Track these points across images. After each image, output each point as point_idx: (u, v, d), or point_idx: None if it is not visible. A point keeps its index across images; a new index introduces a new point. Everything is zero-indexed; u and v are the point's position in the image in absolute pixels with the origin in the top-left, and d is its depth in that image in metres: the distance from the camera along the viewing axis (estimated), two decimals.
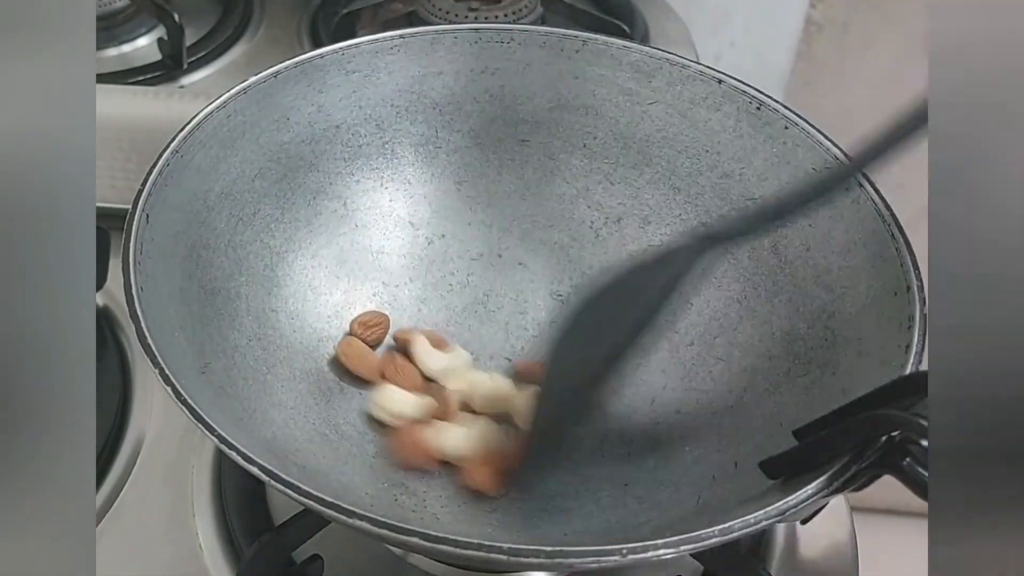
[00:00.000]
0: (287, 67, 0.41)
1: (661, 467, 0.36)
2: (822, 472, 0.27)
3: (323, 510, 0.26)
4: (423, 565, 0.37)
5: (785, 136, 0.39)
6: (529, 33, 0.44)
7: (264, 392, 0.36)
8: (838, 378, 0.33)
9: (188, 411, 0.28)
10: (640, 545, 0.25)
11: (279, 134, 0.41)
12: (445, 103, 0.44)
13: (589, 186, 0.44)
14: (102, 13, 0.67)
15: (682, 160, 0.42)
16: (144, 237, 0.33)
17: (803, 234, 0.38)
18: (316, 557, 0.36)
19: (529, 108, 0.44)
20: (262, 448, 0.31)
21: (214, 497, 0.39)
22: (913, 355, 0.30)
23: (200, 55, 0.65)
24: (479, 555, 0.25)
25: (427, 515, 0.35)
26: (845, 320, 0.35)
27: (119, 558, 0.38)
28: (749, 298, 0.39)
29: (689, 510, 0.33)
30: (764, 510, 0.26)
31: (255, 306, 0.38)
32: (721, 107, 0.41)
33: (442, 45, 0.43)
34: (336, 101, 0.42)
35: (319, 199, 0.42)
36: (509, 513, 0.35)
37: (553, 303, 0.43)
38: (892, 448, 0.26)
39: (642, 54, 0.42)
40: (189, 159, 0.37)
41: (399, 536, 0.25)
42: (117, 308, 0.47)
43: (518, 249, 0.44)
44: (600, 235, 0.44)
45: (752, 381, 0.37)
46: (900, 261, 0.33)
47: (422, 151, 0.44)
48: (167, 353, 0.30)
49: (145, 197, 0.34)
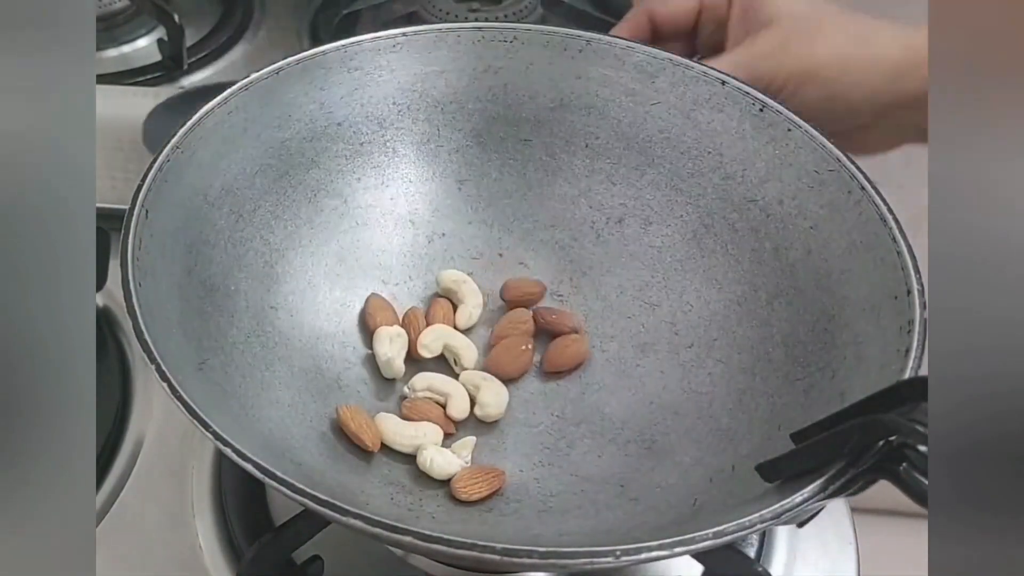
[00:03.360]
0: (289, 64, 0.41)
1: (658, 469, 0.36)
2: (819, 476, 0.27)
3: (318, 508, 0.26)
4: (423, 566, 0.37)
5: (787, 138, 0.39)
6: (532, 32, 0.44)
7: (262, 389, 0.36)
8: (837, 382, 0.33)
9: (184, 408, 0.28)
10: (634, 547, 0.25)
11: (280, 131, 0.41)
12: (447, 102, 0.44)
13: (591, 186, 0.44)
14: (102, 13, 0.67)
15: (684, 161, 0.42)
16: (143, 233, 0.33)
17: (804, 237, 0.38)
18: (316, 558, 0.36)
19: (531, 107, 0.44)
20: (259, 446, 0.31)
21: (214, 497, 0.39)
22: (912, 359, 0.30)
23: (200, 56, 0.65)
24: (473, 555, 0.25)
25: (423, 514, 0.35)
26: (845, 323, 0.35)
27: (119, 558, 0.38)
28: (749, 300, 0.39)
29: (685, 512, 0.32)
30: (759, 513, 0.26)
31: (254, 303, 0.38)
32: (724, 108, 0.41)
33: (445, 44, 0.44)
34: (338, 99, 0.42)
35: (320, 196, 0.42)
36: (505, 513, 0.35)
37: (553, 303, 0.43)
38: (890, 453, 0.26)
39: (645, 55, 0.42)
40: (190, 155, 0.37)
41: (394, 535, 0.25)
42: (117, 308, 0.47)
43: (519, 249, 0.44)
44: (601, 235, 0.44)
45: (751, 383, 0.37)
46: (901, 265, 0.33)
47: (424, 149, 0.44)
48: (164, 349, 0.30)
49: (145, 193, 0.34)
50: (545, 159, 0.44)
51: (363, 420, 0.36)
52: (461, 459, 0.36)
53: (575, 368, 0.41)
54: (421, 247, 0.44)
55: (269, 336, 0.38)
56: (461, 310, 0.42)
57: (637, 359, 0.40)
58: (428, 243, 0.44)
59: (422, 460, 0.36)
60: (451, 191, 0.45)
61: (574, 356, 0.41)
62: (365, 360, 0.40)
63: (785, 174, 0.39)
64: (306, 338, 0.39)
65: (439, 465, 0.36)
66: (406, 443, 0.37)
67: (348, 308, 0.42)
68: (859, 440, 0.27)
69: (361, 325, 0.41)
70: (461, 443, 0.37)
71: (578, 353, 0.41)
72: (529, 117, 0.44)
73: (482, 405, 0.39)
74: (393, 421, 0.37)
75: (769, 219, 0.39)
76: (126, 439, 0.42)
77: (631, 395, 0.39)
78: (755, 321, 0.38)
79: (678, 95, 0.42)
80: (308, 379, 0.38)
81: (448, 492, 0.36)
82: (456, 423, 0.39)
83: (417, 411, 0.38)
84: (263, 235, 0.40)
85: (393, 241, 0.44)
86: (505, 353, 0.40)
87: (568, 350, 0.41)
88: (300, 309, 0.40)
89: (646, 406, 0.39)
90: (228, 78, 0.49)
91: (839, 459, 0.27)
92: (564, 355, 0.41)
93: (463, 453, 0.37)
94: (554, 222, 0.44)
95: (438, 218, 0.44)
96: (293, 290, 0.40)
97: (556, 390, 0.40)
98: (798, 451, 0.29)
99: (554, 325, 0.41)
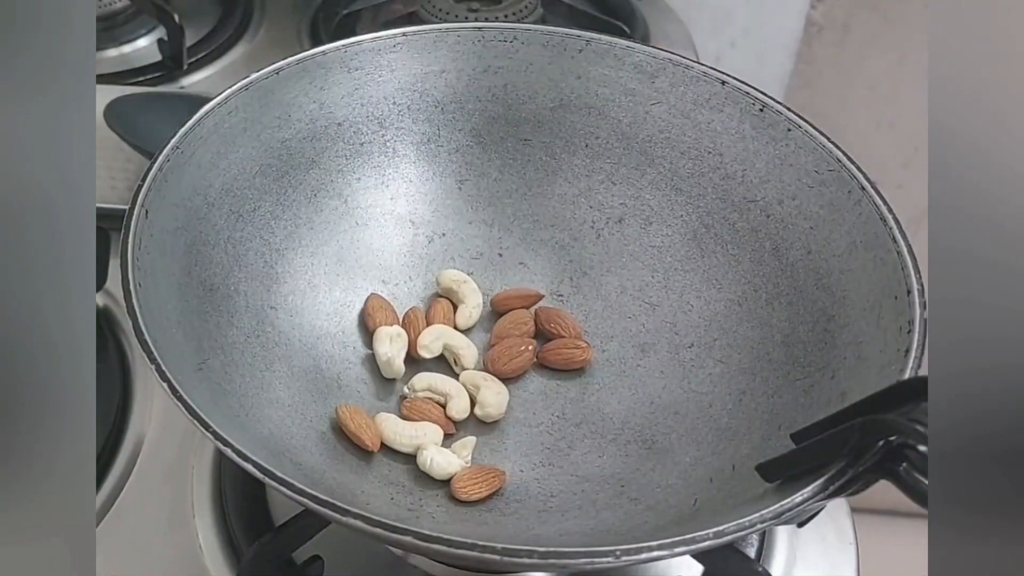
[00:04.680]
0: (289, 64, 0.41)
1: (658, 469, 0.36)
2: (819, 476, 0.27)
3: (318, 508, 0.26)
4: (423, 566, 0.37)
5: (788, 138, 0.39)
6: (532, 32, 0.44)
7: (262, 389, 0.36)
8: (837, 382, 0.33)
9: (184, 408, 0.28)
10: (634, 547, 0.25)
11: (280, 131, 0.41)
12: (447, 102, 0.44)
13: (591, 186, 0.44)
14: (102, 13, 0.67)
15: (684, 161, 0.42)
16: (143, 232, 0.33)
17: (804, 237, 0.38)
18: (316, 558, 0.36)
19: (531, 107, 0.44)
20: (259, 446, 0.31)
21: (214, 497, 0.39)
22: (912, 359, 0.30)
23: (200, 56, 0.65)
24: (473, 555, 0.25)
25: (423, 514, 0.35)
26: (845, 323, 0.35)
27: (119, 558, 0.38)
28: (749, 300, 0.39)
29: (685, 512, 0.32)
30: (759, 513, 0.26)
31: (254, 303, 0.38)
32: (724, 108, 0.41)
33: (445, 43, 0.44)
34: (338, 98, 0.42)
35: (320, 196, 0.42)
36: (506, 513, 0.35)
37: (553, 303, 0.43)
38: (889, 453, 0.26)
39: (645, 55, 0.42)
40: (190, 155, 0.37)
41: (394, 535, 0.25)
42: (117, 308, 0.47)
43: (519, 249, 0.44)
44: (601, 235, 0.44)
45: (751, 383, 0.37)
46: (901, 264, 0.33)
47: (424, 149, 0.44)
48: (164, 349, 0.30)
49: (145, 192, 0.34)
50: (545, 159, 0.44)
51: (363, 420, 0.36)
52: (461, 459, 0.36)
53: (575, 370, 0.41)
54: (421, 247, 0.44)
55: (269, 336, 0.38)
56: (461, 310, 0.42)
57: (637, 359, 0.40)
58: (428, 243, 0.44)
59: (422, 460, 0.36)
60: (451, 191, 0.45)
61: (578, 363, 0.41)
62: (365, 360, 0.40)
63: (785, 174, 0.39)
64: (306, 338, 0.39)
65: (439, 465, 0.36)
66: (406, 443, 0.37)
67: (348, 308, 0.42)
68: (859, 440, 0.27)
69: (361, 325, 0.41)
70: (461, 443, 0.37)
71: (582, 360, 0.41)
72: (529, 117, 0.44)
73: (482, 405, 0.39)
74: (393, 421, 0.37)
75: (769, 219, 0.39)
76: (126, 439, 0.42)
77: (631, 395, 0.39)
78: (755, 321, 0.38)
79: (678, 95, 0.42)
80: (308, 379, 0.38)
81: (448, 492, 0.36)
82: (456, 423, 0.39)
83: (417, 411, 0.38)
84: (263, 235, 0.40)
85: (393, 241, 0.44)
86: (505, 353, 0.40)
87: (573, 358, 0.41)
88: (300, 309, 0.40)
89: (646, 406, 0.39)
90: (228, 78, 0.49)
91: (839, 459, 0.27)
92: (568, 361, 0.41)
93: (463, 453, 0.37)
94: (554, 222, 0.44)
95: (438, 218, 0.44)
96: (293, 290, 0.40)
97: (556, 390, 0.40)
98: (798, 451, 0.29)
99: (555, 336, 0.42)
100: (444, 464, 0.36)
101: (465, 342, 0.41)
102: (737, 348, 0.38)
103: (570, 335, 0.41)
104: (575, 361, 0.40)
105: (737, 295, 0.39)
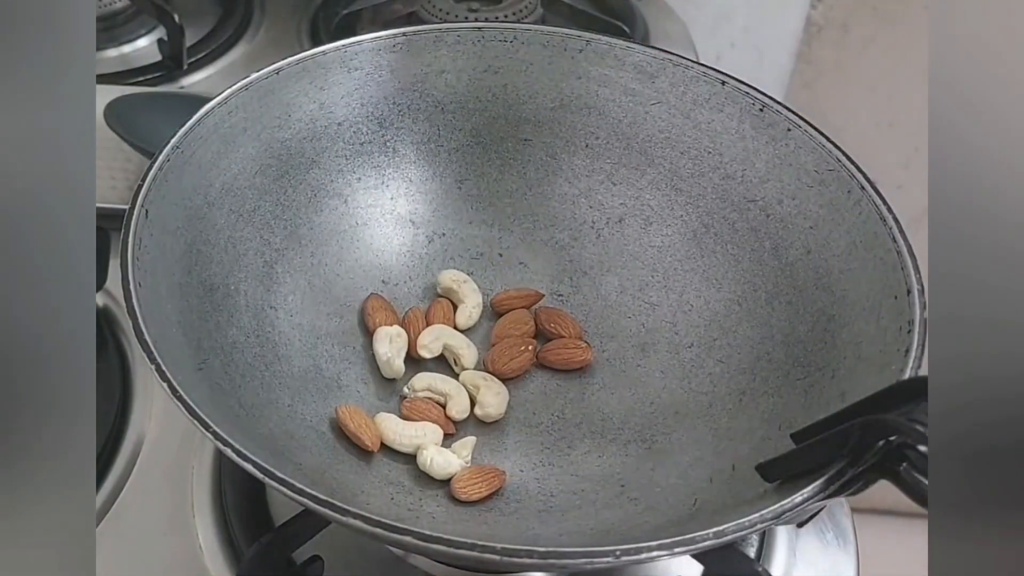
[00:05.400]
0: (289, 64, 0.41)
1: (658, 469, 0.36)
2: (819, 476, 0.27)
3: (318, 508, 0.26)
4: (424, 566, 0.37)
5: (788, 138, 0.39)
6: (532, 32, 0.44)
7: (261, 389, 0.36)
8: (837, 381, 0.33)
9: (184, 407, 0.28)
10: (634, 547, 0.25)
11: (280, 131, 0.41)
12: (447, 101, 0.44)
13: (591, 186, 0.44)
14: (102, 13, 0.67)
15: (684, 161, 0.42)
16: (143, 232, 0.33)
17: (804, 237, 0.38)
18: (316, 558, 0.36)
19: (531, 107, 0.44)
20: (258, 446, 0.31)
21: (214, 497, 0.39)
22: (912, 359, 0.30)
23: (200, 56, 0.65)
24: (473, 555, 0.25)
25: (423, 514, 0.35)
26: (845, 323, 0.35)
27: (119, 558, 0.38)
28: (749, 300, 0.39)
29: (685, 512, 0.32)
30: (759, 513, 0.26)
31: (254, 303, 0.38)
32: (724, 108, 0.41)
33: (445, 43, 0.43)
34: (338, 98, 0.42)
35: (320, 196, 0.42)
36: (506, 513, 0.35)
37: (553, 303, 0.43)
38: (889, 453, 0.26)
39: (645, 55, 0.42)
40: (190, 155, 0.37)
41: (394, 535, 0.25)
42: (117, 308, 0.47)
43: (519, 248, 0.44)
44: (601, 235, 0.44)
45: (751, 383, 0.37)
46: (901, 264, 0.33)
47: (424, 149, 0.44)
48: (164, 349, 0.30)
49: (145, 192, 0.34)
50: (545, 159, 0.44)
51: (363, 420, 0.36)
52: (461, 459, 0.36)
53: (576, 370, 0.41)
54: (421, 247, 0.44)
55: (269, 336, 0.38)
56: (461, 310, 0.42)
57: (637, 359, 0.40)
58: (428, 243, 0.44)
59: (422, 460, 0.36)
60: (451, 191, 0.45)
61: (578, 363, 0.41)
62: (365, 360, 0.40)
63: (785, 174, 0.39)
64: (306, 338, 0.39)
65: (439, 465, 0.36)
66: (406, 443, 0.37)
67: (348, 308, 0.42)
68: (859, 440, 0.27)
69: (361, 325, 0.41)
70: (461, 443, 0.37)
71: (582, 360, 0.41)
72: (529, 117, 0.44)
73: (482, 405, 0.39)
74: (393, 421, 0.37)
75: (769, 219, 0.39)
76: (126, 439, 0.42)
77: (631, 395, 0.39)
78: (755, 321, 0.38)
79: (678, 95, 0.42)
80: (308, 379, 0.38)
81: (448, 492, 0.36)
82: (456, 423, 0.39)
83: (417, 411, 0.38)
84: (263, 235, 0.40)
85: (393, 241, 0.44)
86: (505, 353, 0.40)
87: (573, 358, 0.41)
88: (300, 309, 0.40)
89: (646, 406, 0.39)
90: (228, 78, 0.49)
91: (839, 459, 0.27)
92: (568, 361, 0.41)
93: (463, 453, 0.37)
94: (554, 222, 0.44)
95: (438, 218, 0.44)
96: (293, 290, 0.40)
97: (556, 390, 0.40)
98: (798, 451, 0.29)
99: (555, 336, 0.42)
100: (444, 464, 0.36)
101: (465, 342, 0.41)
102: (737, 348, 0.38)
103: (570, 335, 0.41)
104: (575, 361, 0.41)
105: (737, 295, 0.39)
